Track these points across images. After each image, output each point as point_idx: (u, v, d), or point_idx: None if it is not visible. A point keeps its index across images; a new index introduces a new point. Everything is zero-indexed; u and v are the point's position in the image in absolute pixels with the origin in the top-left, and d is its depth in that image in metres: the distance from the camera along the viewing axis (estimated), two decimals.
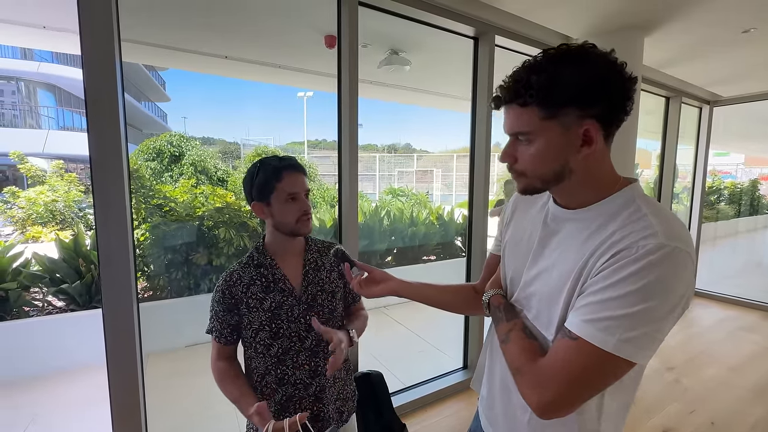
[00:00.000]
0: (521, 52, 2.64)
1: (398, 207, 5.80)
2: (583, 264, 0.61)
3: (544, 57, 0.60)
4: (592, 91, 0.58)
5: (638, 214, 0.60)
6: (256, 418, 0.85)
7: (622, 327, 0.55)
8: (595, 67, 0.59)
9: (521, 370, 0.65)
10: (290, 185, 1.00)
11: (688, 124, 4.54)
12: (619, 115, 0.61)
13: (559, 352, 0.60)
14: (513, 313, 0.74)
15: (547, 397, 0.59)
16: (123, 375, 1.44)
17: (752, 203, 7.85)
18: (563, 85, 0.58)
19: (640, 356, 0.56)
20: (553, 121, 0.60)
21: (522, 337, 0.68)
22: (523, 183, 0.67)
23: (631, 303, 0.55)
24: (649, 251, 0.55)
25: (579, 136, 0.60)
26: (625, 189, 0.65)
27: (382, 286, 0.92)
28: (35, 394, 2.67)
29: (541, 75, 0.59)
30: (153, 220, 3.52)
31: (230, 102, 14.52)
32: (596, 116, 0.59)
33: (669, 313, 0.56)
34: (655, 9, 2.22)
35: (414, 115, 21.76)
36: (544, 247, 0.71)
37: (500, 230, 0.90)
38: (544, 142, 0.62)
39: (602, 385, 0.60)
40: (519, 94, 0.61)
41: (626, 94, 0.60)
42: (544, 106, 0.59)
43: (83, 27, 1.29)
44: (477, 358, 2.93)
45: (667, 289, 0.55)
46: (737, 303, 4.42)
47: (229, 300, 1.00)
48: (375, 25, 2.42)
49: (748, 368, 2.92)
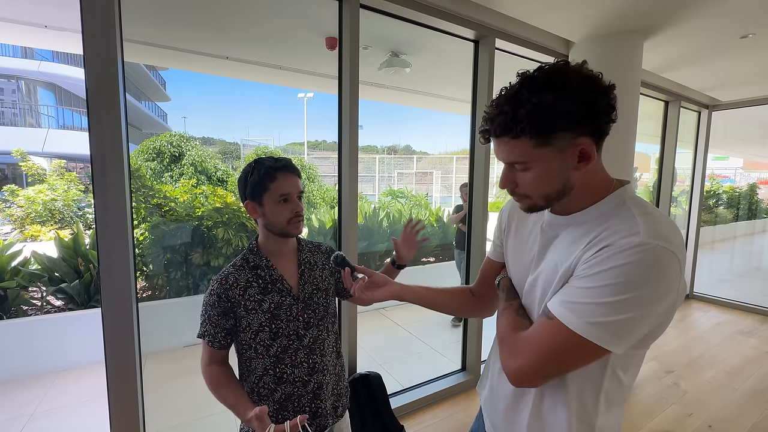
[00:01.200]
0: (521, 56, 2.66)
1: (398, 208, 5.81)
2: (572, 260, 0.65)
3: (524, 87, 0.61)
4: (581, 113, 0.60)
5: (626, 215, 0.63)
6: (256, 422, 0.83)
7: (594, 313, 0.59)
8: (578, 89, 0.60)
9: (505, 340, 0.71)
10: (282, 186, 1.01)
11: (687, 128, 4.56)
12: (608, 126, 0.64)
13: (536, 328, 0.66)
14: (512, 295, 0.80)
15: (517, 366, 0.66)
16: (121, 374, 1.44)
17: (750, 207, 7.86)
18: (551, 114, 0.59)
19: (610, 342, 0.59)
20: (548, 147, 0.62)
21: (513, 315, 0.75)
22: (528, 203, 0.70)
23: (606, 294, 0.58)
24: (630, 248, 0.58)
25: (575, 155, 0.63)
26: (616, 192, 0.67)
27: (383, 290, 0.93)
28: (33, 393, 2.67)
29: (526, 106, 0.60)
30: (152, 219, 3.52)
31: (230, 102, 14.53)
32: (588, 133, 0.62)
33: (647, 306, 0.58)
34: (654, 14, 2.24)
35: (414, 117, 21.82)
36: (544, 253, 0.74)
37: (498, 237, 0.92)
38: (542, 167, 0.64)
39: (570, 363, 0.64)
40: (508, 128, 0.62)
41: (611, 106, 0.62)
42: (535, 136, 0.61)
43: (86, 27, 1.29)
44: (476, 361, 2.94)
45: (643, 284, 0.57)
46: (735, 307, 4.43)
47: (225, 303, 0.99)
48: (376, 27, 2.43)
49: (746, 372, 2.92)
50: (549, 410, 0.71)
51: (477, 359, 2.68)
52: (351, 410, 1.63)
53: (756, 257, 7.28)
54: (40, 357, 2.92)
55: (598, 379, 0.67)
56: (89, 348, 3.03)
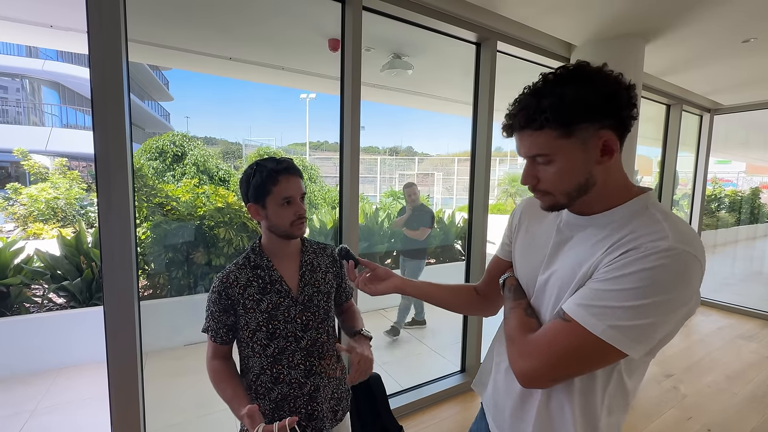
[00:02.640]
0: (523, 58, 2.66)
1: (399, 209, 5.80)
2: (594, 261, 0.64)
3: (547, 80, 0.63)
4: (604, 105, 0.61)
5: (651, 219, 0.62)
6: (246, 420, 0.85)
7: (615, 316, 0.57)
8: (600, 82, 0.61)
9: (514, 341, 0.70)
10: (286, 189, 1.00)
11: (689, 132, 4.55)
12: (631, 121, 0.64)
13: (549, 330, 0.65)
14: (520, 294, 0.79)
15: (529, 367, 0.64)
16: (123, 372, 1.45)
17: (753, 211, 7.84)
18: (575, 104, 0.60)
19: (629, 347, 0.58)
20: (571, 139, 0.62)
21: (522, 315, 0.73)
22: (549, 201, 0.69)
23: (631, 297, 0.57)
24: (659, 252, 0.57)
25: (598, 148, 0.62)
26: (640, 197, 0.67)
27: (386, 284, 0.93)
28: (34, 390, 2.68)
29: (550, 98, 0.61)
30: (154, 218, 3.54)
31: (233, 102, 14.58)
32: (611, 127, 0.62)
33: (669, 312, 0.57)
34: (656, 17, 2.24)
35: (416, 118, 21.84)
36: (558, 252, 0.73)
37: (507, 236, 0.92)
38: (565, 160, 0.63)
39: (585, 366, 0.63)
40: (532, 119, 0.62)
41: (631, 100, 0.63)
42: (559, 127, 0.61)
43: (91, 27, 1.31)
44: (475, 362, 2.94)
45: (670, 289, 0.56)
46: (737, 311, 4.42)
47: (226, 301, 1.01)
48: (378, 29, 2.44)
49: (746, 376, 2.92)
50: (556, 410, 0.70)
51: (477, 361, 2.69)
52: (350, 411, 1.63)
53: (758, 262, 7.26)
54: (42, 354, 2.94)
55: (604, 382, 0.67)
56: (91, 346, 3.04)
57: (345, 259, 0.98)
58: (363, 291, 0.95)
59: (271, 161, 1.01)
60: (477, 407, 2.65)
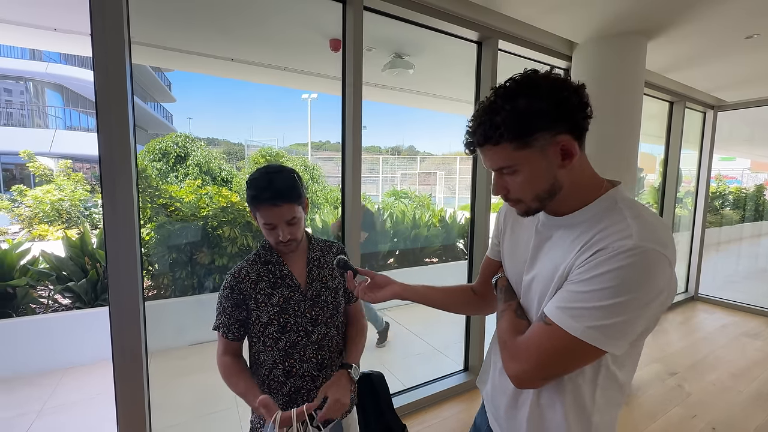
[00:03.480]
0: (525, 57, 2.66)
1: (401, 209, 5.81)
2: (568, 263, 0.66)
3: (498, 95, 0.65)
4: (554, 112, 0.62)
5: (619, 217, 0.64)
6: (262, 410, 0.88)
7: (592, 316, 0.60)
8: (548, 90, 0.62)
9: (505, 343, 0.73)
10: (266, 217, 0.99)
11: (692, 129, 4.53)
12: (585, 122, 0.65)
13: (534, 333, 0.68)
14: (510, 295, 0.82)
15: (519, 370, 0.68)
16: (128, 372, 1.46)
17: (757, 208, 7.79)
18: (526, 116, 0.62)
19: (609, 345, 0.61)
20: (529, 149, 0.64)
21: (512, 316, 0.76)
22: (522, 208, 0.72)
23: (603, 297, 0.60)
24: (624, 251, 0.59)
25: (557, 153, 0.65)
26: (608, 193, 0.69)
27: (386, 291, 0.95)
28: (41, 390, 2.70)
29: (501, 114, 0.63)
30: (158, 219, 3.56)
31: (235, 103, 14.62)
32: (566, 130, 0.64)
33: (641, 308, 0.60)
34: (658, 14, 2.23)
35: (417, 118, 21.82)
36: (538, 253, 0.76)
37: (495, 236, 0.95)
38: (528, 169, 0.66)
39: (570, 365, 0.66)
40: (488, 136, 0.65)
41: (583, 101, 0.64)
42: (515, 139, 0.63)
43: (95, 30, 1.32)
44: (478, 361, 2.94)
45: (638, 287, 0.59)
46: (741, 309, 4.39)
47: (238, 296, 1.04)
48: (379, 29, 2.45)
49: (751, 374, 2.90)
50: (547, 407, 0.73)
51: (479, 359, 2.69)
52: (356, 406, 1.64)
53: (762, 259, 7.22)
54: (48, 354, 2.97)
55: (593, 377, 0.69)
56: (96, 346, 3.06)
57: (343, 270, 0.99)
58: (363, 299, 0.97)
59: (261, 180, 0.98)
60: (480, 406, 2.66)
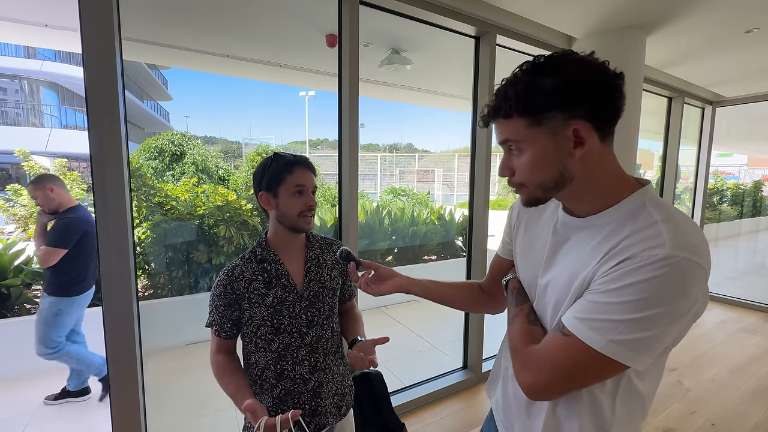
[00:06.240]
0: (523, 52, 2.64)
1: (399, 206, 5.79)
2: (590, 270, 0.61)
3: (520, 70, 0.61)
4: (572, 92, 0.57)
5: (648, 221, 0.58)
6: (248, 414, 0.85)
7: (616, 330, 0.55)
8: (571, 70, 0.58)
9: (517, 351, 0.69)
10: (299, 178, 1.03)
11: (691, 125, 4.52)
12: (610, 111, 0.59)
13: (549, 343, 0.63)
14: (522, 298, 0.77)
15: (531, 381, 0.63)
16: (123, 372, 1.44)
17: (755, 204, 7.80)
18: (541, 92, 0.58)
19: (633, 360, 0.56)
20: (540, 128, 0.60)
21: (524, 322, 0.71)
22: (525, 194, 0.66)
23: (630, 310, 0.54)
24: (655, 262, 0.53)
25: (569, 138, 0.59)
26: (635, 193, 0.62)
27: (390, 283, 0.92)
28: (35, 392, 2.68)
29: (517, 86, 0.60)
30: (154, 218, 3.53)
31: (232, 101, 14.53)
32: (583, 116, 0.58)
33: (671, 323, 0.54)
34: (657, 8, 2.21)
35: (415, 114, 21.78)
36: (555, 255, 0.70)
37: (507, 234, 0.89)
38: (536, 149, 0.61)
39: (588, 380, 0.61)
40: (500, 107, 0.62)
41: (611, 88, 0.58)
42: (526, 115, 0.60)
43: (84, 25, 1.29)
44: (477, 359, 2.92)
45: (669, 301, 0.53)
46: (739, 305, 4.40)
47: (231, 295, 1.01)
48: (376, 24, 2.42)
49: (750, 370, 2.91)
50: (564, 418, 0.68)
51: (478, 357, 2.68)
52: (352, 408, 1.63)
53: (760, 255, 7.23)
54: None
55: (613, 389, 0.64)
56: (92, 346, 3.03)
57: (346, 261, 0.98)
58: (366, 292, 0.93)
59: (288, 155, 1.07)
60: (479, 404, 2.64)
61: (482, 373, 2.70)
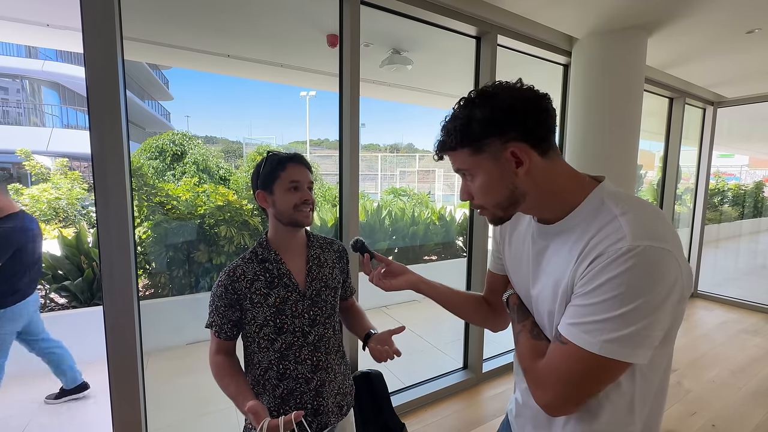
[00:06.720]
0: (524, 52, 2.64)
1: (400, 206, 5.79)
2: (569, 274, 0.63)
3: (458, 106, 0.68)
4: (503, 119, 0.63)
5: (609, 217, 0.61)
6: (251, 416, 0.85)
7: (606, 329, 0.56)
8: (500, 100, 0.63)
9: (527, 370, 0.69)
10: (293, 174, 1.03)
11: (692, 126, 4.52)
12: (543, 129, 0.64)
13: (552, 356, 0.64)
14: (524, 314, 0.77)
15: (547, 398, 0.63)
16: (123, 372, 1.45)
17: (756, 205, 7.79)
18: (477, 122, 0.64)
19: (631, 355, 0.56)
20: (482, 155, 0.65)
21: (528, 338, 0.72)
22: (488, 215, 0.72)
23: (612, 307, 0.56)
24: (620, 256, 0.56)
25: (509, 159, 0.64)
26: (594, 192, 0.66)
27: (402, 279, 0.92)
28: (37, 391, 2.68)
29: (456, 121, 0.66)
30: (155, 218, 3.53)
31: (233, 101, 14.52)
32: (518, 138, 0.63)
33: (656, 310, 0.55)
34: (658, 9, 2.21)
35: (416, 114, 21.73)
36: (539, 265, 0.73)
37: (496, 249, 0.90)
38: (484, 174, 0.67)
39: (597, 384, 0.61)
40: (446, 141, 0.68)
41: (538, 109, 0.64)
42: (468, 145, 0.66)
43: (86, 25, 1.29)
44: (477, 359, 2.92)
45: (647, 291, 0.55)
46: (740, 305, 4.39)
47: (232, 295, 1.00)
48: (377, 24, 2.42)
49: (750, 371, 2.90)
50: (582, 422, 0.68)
51: (479, 357, 2.68)
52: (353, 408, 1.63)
53: (761, 255, 7.22)
54: None
55: (628, 387, 0.64)
56: (92, 345, 3.04)
57: (360, 252, 0.97)
58: (377, 286, 0.93)
59: (281, 153, 1.08)
60: (479, 404, 2.63)
61: (482, 374, 2.70)
